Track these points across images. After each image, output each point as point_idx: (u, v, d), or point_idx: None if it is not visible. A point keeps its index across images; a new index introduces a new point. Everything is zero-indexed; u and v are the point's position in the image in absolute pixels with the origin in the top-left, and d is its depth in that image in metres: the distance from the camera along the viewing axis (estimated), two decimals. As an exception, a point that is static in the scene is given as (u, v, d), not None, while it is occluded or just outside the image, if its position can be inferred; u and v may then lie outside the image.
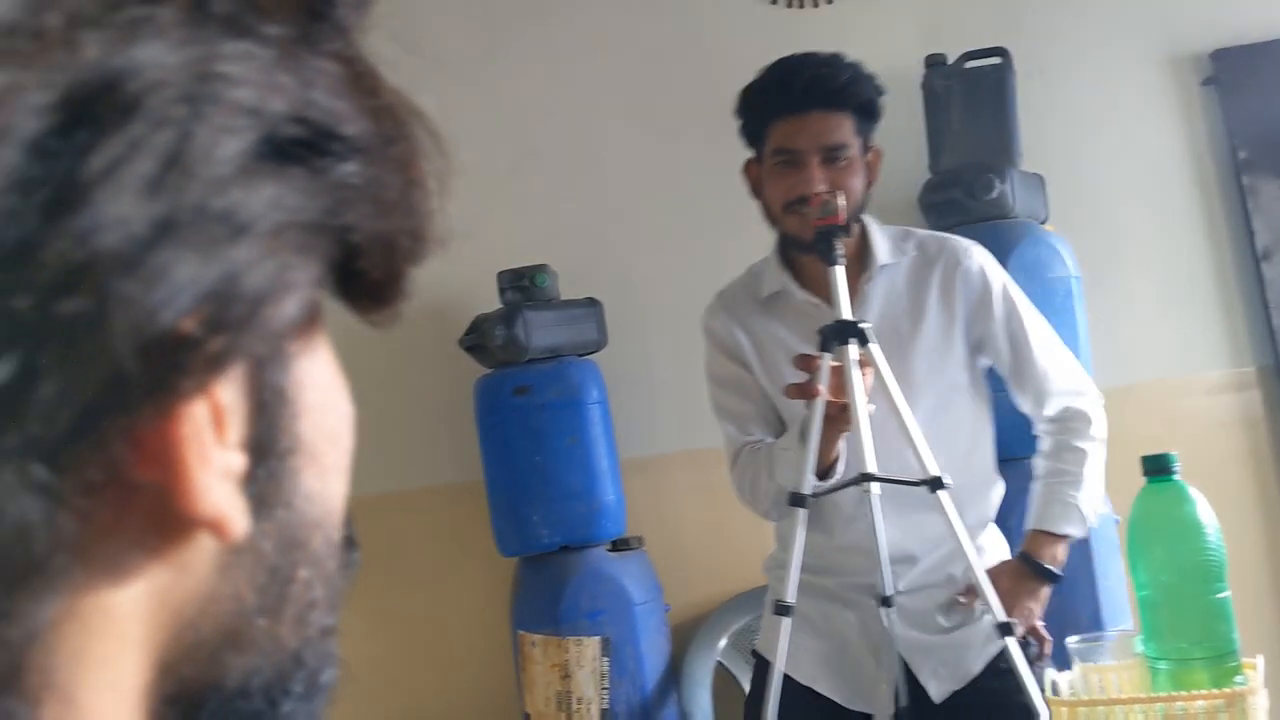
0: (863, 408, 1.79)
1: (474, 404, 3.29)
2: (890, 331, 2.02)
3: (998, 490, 2.15)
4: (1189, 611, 1.48)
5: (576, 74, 3.54)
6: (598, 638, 3.11)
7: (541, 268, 3.26)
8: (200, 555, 0.36)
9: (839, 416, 1.83)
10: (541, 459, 3.18)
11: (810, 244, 1.91)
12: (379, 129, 0.37)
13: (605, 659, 3.10)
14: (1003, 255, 3.16)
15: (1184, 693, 1.46)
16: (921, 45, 3.44)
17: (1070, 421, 2.11)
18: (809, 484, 1.84)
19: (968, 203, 3.22)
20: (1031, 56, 3.47)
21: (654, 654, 3.19)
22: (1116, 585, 3.14)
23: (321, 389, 0.40)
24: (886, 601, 1.91)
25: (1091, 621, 3.06)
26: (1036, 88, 3.48)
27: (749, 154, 2.12)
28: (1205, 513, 1.48)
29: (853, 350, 1.80)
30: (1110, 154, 3.54)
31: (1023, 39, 3.45)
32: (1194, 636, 1.49)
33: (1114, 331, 3.43)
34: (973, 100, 3.33)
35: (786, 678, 2.03)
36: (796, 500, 1.84)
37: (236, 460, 0.35)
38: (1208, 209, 3.54)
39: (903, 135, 3.47)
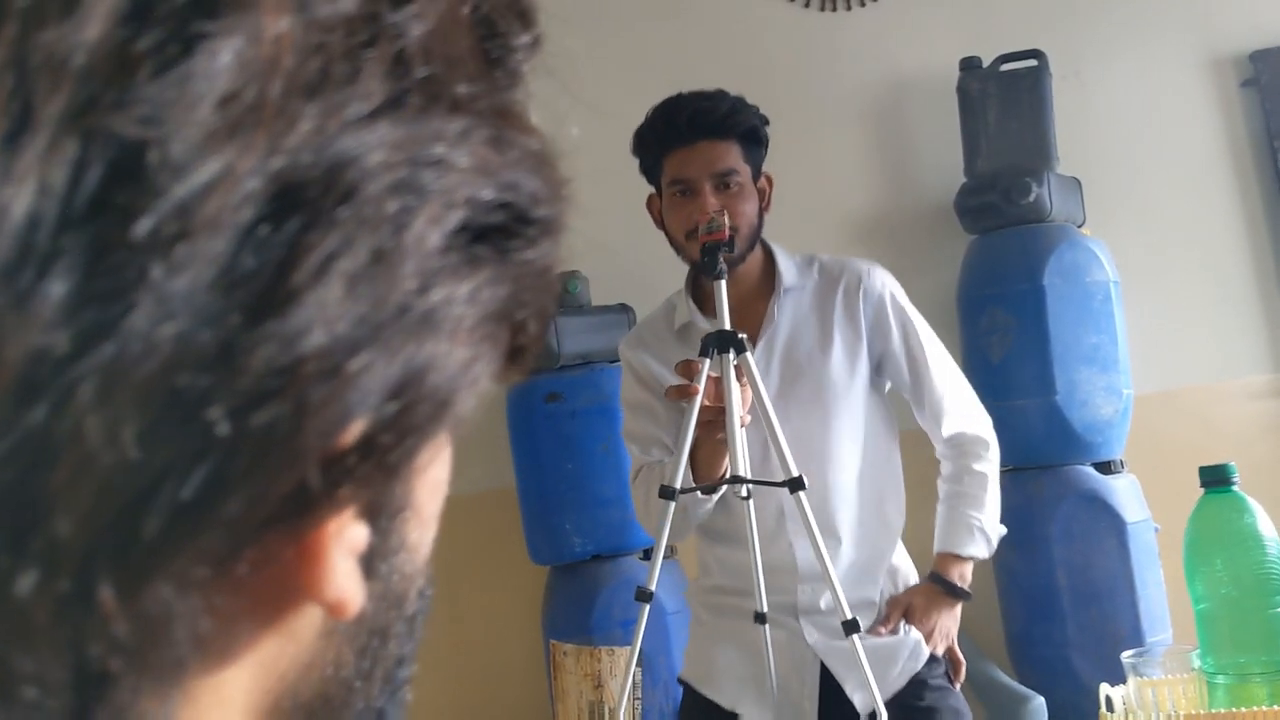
0: (738, 413, 1.86)
1: (505, 411, 3.27)
2: (799, 351, 2.12)
3: (902, 505, 2.23)
4: (1249, 625, 1.45)
5: (608, 80, 3.52)
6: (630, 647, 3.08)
7: (573, 274, 3.24)
8: (308, 622, 0.34)
9: (715, 421, 1.90)
10: (573, 467, 3.16)
11: (698, 261, 1.99)
12: (561, 199, 0.35)
13: (638, 669, 3.07)
14: (1040, 259, 3.14)
15: (1243, 709, 1.42)
16: (956, 48, 3.40)
17: (968, 445, 2.20)
18: (679, 480, 1.91)
19: (1004, 207, 3.19)
20: (1068, 59, 3.44)
21: (687, 663, 3.16)
22: (1156, 594, 3.10)
23: (436, 441, 0.38)
24: (761, 618, 2.01)
25: (1131, 632, 3.02)
26: (1073, 90, 3.45)
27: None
28: (1265, 524, 1.45)
29: (731, 359, 1.88)
30: (1148, 156, 3.49)
31: (1058, 41, 3.42)
32: (1253, 651, 1.45)
33: (1153, 336, 3.39)
34: (1009, 103, 3.29)
35: (709, 703, 2.14)
36: (665, 493, 1.91)
37: (362, 534, 0.33)
38: (1248, 211, 3.49)
39: (938, 139, 3.45)
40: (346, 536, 0.31)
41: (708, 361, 1.88)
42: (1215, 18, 3.51)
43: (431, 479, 0.38)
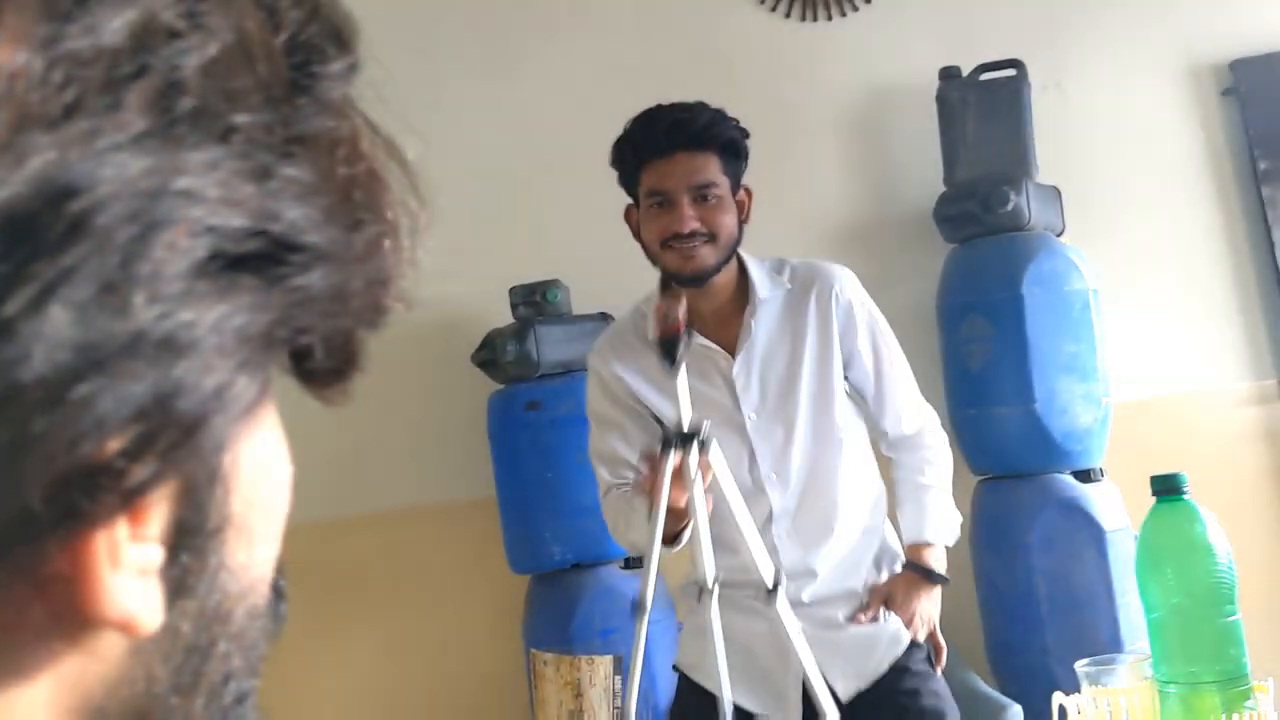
0: (703, 513, 1.86)
1: (486, 420, 3.27)
2: (778, 361, 2.15)
3: (883, 495, 2.29)
4: (1199, 634, 1.45)
5: (590, 89, 3.53)
6: (610, 656, 3.08)
7: (553, 283, 3.25)
8: (111, 641, 0.34)
9: (680, 513, 1.93)
10: (553, 475, 3.16)
11: (659, 350, 1.97)
12: (347, 224, 0.35)
13: (618, 677, 3.07)
14: (1019, 268, 3.15)
15: (1195, 718, 1.43)
16: (936, 58, 3.41)
17: (927, 438, 2.26)
18: (650, 592, 1.92)
19: (983, 215, 3.19)
20: (1047, 68, 3.45)
21: (666, 672, 3.15)
22: (1135, 602, 3.06)
23: (259, 459, 0.38)
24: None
25: (1110, 639, 3.02)
26: (1052, 99, 3.45)
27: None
28: (1215, 534, 1.45)
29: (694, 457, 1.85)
30: (1128, 165, 3.50)
31: (1038, 51, 3.42)
32: (1204, 660, 1.45)
33: (1131, 345, 3.39)
34: (988, 112, 3.30)
35: (700, 689, 2.18)
36: (635, 609, 1.93)
37: (154, 554, 0.33)
38: (1227, 220, 3.49)
39: (917, 148, 3.46)
40: (127, 556, 0.31)
41: (671, 457, 1.84)
42: (1195, 27, 3.51)
43: (253, 496, 0.37)
